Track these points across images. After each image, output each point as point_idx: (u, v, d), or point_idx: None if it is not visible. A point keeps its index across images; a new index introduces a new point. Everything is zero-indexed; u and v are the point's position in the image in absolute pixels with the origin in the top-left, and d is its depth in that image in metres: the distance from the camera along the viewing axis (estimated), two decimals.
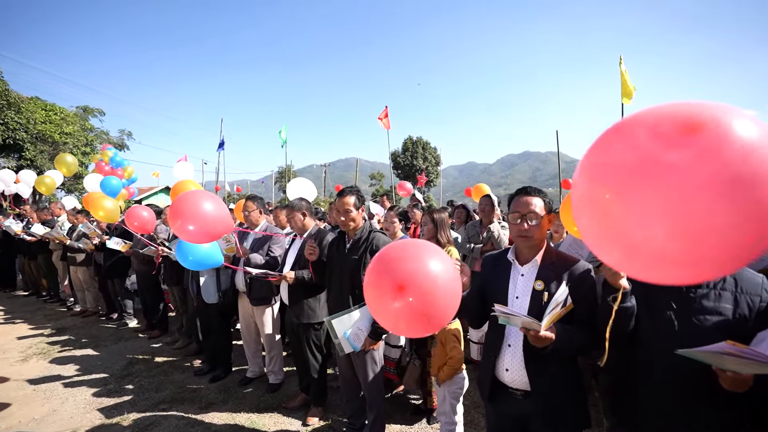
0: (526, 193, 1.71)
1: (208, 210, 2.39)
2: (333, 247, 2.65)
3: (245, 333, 3.71)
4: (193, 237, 2.45)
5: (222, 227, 2.51)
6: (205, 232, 2.42)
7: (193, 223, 2.35)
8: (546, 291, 1.64)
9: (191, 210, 2.35)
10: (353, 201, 2.47)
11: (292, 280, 2.86)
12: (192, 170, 7.60)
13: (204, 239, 2.53)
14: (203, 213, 2.37)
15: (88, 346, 4.79)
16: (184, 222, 2.34)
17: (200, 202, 2.38)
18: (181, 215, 2.34)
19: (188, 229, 2.35)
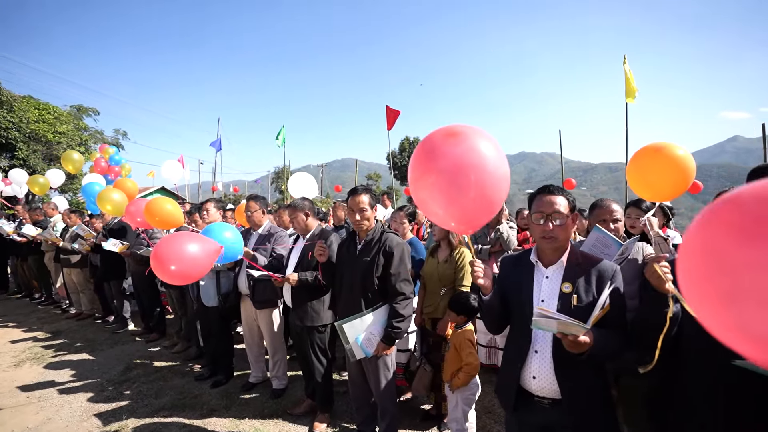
0: (549, 192, 1.63)
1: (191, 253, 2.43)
2: (343, 248, 2.55)
3: (248, 337, 3.60)
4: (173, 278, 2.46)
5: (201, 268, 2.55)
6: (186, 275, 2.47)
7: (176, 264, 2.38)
8: (575, 294, 1.56)
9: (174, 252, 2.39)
10: (367, 200, 2.37)
11: (296, 282, 2.76)
12: (181, 170, 7.38)
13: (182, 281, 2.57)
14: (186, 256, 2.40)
15: (83, 350, 4.65)
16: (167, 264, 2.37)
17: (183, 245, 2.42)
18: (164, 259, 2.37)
19: (170, 269, 2.37)
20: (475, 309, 2.61)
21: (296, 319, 2.89)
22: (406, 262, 2.38)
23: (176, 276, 2.40)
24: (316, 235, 2.97)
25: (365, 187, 2.42)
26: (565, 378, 1.52)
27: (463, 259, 2.89)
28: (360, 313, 2.32)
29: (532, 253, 1.72)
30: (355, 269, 2.39)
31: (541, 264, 1.67)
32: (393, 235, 2.43)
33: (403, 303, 2.33)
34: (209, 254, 2.53)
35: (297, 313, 2.88)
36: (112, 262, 5.19)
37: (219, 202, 3.84)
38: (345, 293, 2.45)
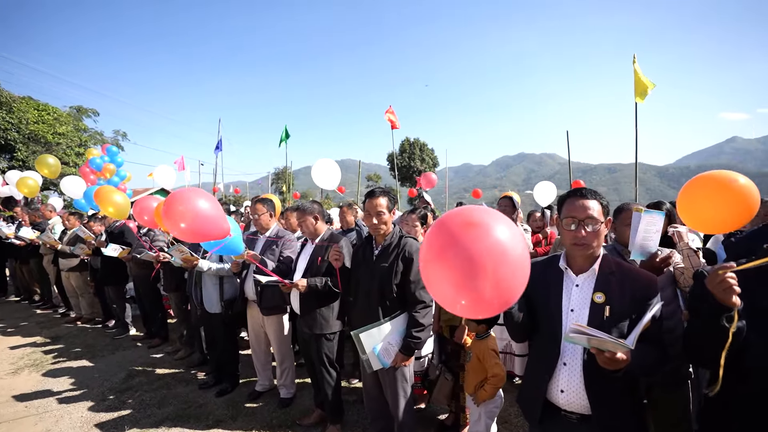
0: (582, 196, 1.52)
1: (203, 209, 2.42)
2: (358, 253, 2.43)
3: (254, 344, 3.48)
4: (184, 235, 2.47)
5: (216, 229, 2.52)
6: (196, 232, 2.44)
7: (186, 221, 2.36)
8: (607, 304, 1.46)
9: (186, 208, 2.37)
10: (385, 203, 2.25)
11: (305, 288, 2.65)
12: (174, 174, 7.23)
13: (195, 238, 2.59)
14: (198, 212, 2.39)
15: (83, 357, 4.52)
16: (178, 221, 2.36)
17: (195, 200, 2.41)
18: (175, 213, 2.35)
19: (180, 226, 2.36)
20: (495, 318, 2.50)
21: (304, 326, 2.77)
22: None
23: (186, 231, 2.40)
24: (326, 239, 2.86)
25: (383, 189, 2.31)
26: (596, 393, 1.42)
27: None
28: (377, 322, 2.21)
29: (561, 258, 1.61)
30: (372, 276, 2.27)
31: (571, 271, 1.56)
32: (412, 240, 2.31)
33: (422, 311, 2.21)
34: (219, 225, 2.53)
35: (305, 321, 2.76)
36: (112, 266, 5.05)
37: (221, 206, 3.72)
38: (361, 301, 2.34)
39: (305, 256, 2.86)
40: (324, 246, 2.83)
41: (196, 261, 3.33)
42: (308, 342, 2.87)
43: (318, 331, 2.73)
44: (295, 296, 2.83)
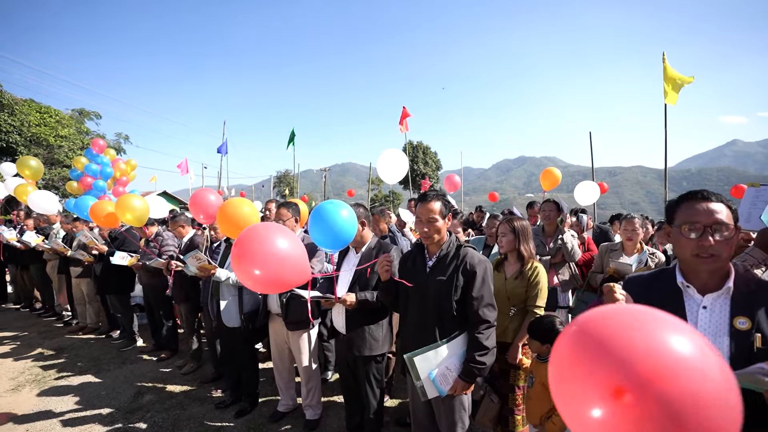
0: (705, 198, 1.25)
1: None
2: (407, 264, 2.14)
3: (277, 361, 3.18)
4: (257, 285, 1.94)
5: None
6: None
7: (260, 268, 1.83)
8: (756, 331, 1.17)
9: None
10: (439, 207, 1.97)
11: (354, 305, 2.36)
12: (164, 205, 6.43)
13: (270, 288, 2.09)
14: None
15: (88, 371, 4.22)
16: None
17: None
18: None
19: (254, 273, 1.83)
20: None
21: (348, 348, 2.47)
22: (489, 284, 1.97)
23: (260, 282, 1.88)
24: (373, 248, 2.57)
25: (437, 192, 2.02)
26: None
27: (537, 274, 2.49)
28: (434, 344, 1.91)
29: (677, 274, 1.33)
30: (427, 291, 1.98)
31: (694, 290, 1.28)
32: (472, 250, 2.02)
33: (486, 332, 1.92)
34: (304, 270, 2.02)
35: (352, 341, 2.46)
36: (115, 273, 4.73)
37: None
38: (412, 319, 2.04)
39: (349, 267, 2.57)
40: (370, 255, 2.54)
41: (213, 270, 3.04)
42: (351, 364, 2.59)
43: (367, 353, 2.44)
44: (339, 313, 2.53)
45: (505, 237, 2.56)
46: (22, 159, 7.49)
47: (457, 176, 5.82)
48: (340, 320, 2.55)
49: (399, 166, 4.60)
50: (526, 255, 2.53)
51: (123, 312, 5.00)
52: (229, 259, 3.22)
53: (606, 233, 4.75)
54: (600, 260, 3.35)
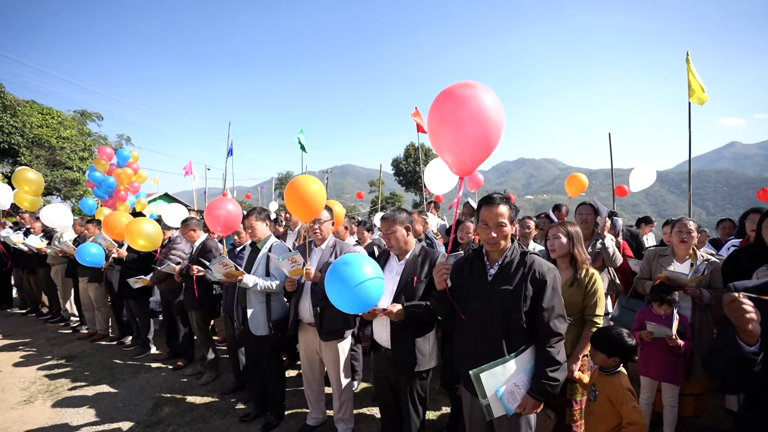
0: None
1: None
2: (463, 272, 1.98)
3: (307, 372, 3.01)
4: None
5: None
6: None
7: None
8: None
9: None
10: (507, 212, 1.82)
11: (401, 316, 2.20)
12: (183, 213, 5.94)
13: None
14: None
15: (102, 381, 4.05)
16: None
17: None
18: None
19: None
20: (633, 348, 2.06)
21: (396, 363, 2.30)
22: (559, 293, 1.82)
23: None
24: (418, 255, 2.41)
25: (502, 195, 1.86)
26: None
27: (594, 281, 2.34)
28: (501, 359, 1.76)
29: None
30: (490, 301, 1.82)
31: None
32: (539, 257, 1.87)
33: (558, 345, 1.77)
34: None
35: (398, 356, 2.30)
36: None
37: (262, 212, 3.24)
38: (473, 332, 1.88)
39: (391, 276, 2.40)
40: (415, 263, 2.38)
41: (241, 276, 2.88)
42: (392, 379, 2.42)
43: (415, 369, 2.27)
44: (384, 326, 2.36)
45: (558, 240, 2.40)
46: (18, 172, 6.43)
47: (481, 175, 5.61)
48: (384, 334, 2.38)
49: (448, 176, 4.43)
50: (580, 259, 2.38)
51: (141, 317, 4.83)
52: (256, 265, 3.06)
53: (636, 237, 4.60)
54: (647, 266, 3.18)
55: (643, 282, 3.03)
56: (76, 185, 20.57)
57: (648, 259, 3.15)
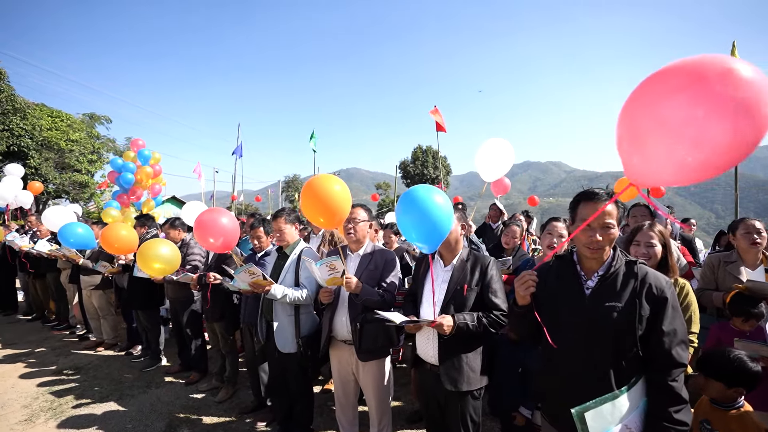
0: None
1: None
2: (548, 283, 1.62)
3: (340, 394, 2.66)
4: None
5: None
6: None
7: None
8: None
9: None
10: (615, 211, 1.47)
11: (450, 329, 1.86)
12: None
13: None
14: None
15: (110, 397, 3.72)
16: None
17: None
18: None
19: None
20: (757, 376, 1.68)
21: (445, 381, 1.96)
22: (681, 313, 1.46)
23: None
24: (466, 261, 2.08)
25: (609, 192, 1.51)
26: None
27: (687, 294, 1.98)
28: (610, 395, 1.39)
29: None
30: (593, 321, 1.46)
31: None
32: (652, 269, 1.50)
33: (680, 379, 1.40)
34: None
35: (447, 373, 1.96)
36: (143, 286, 4.24)
37: (291, 213, 2.92)
38: (568, 359, 1.52)
39: (437, 283, 2.06)
40: (464, 269, 2.04)
41: (268, 286, 2.54)
42: (440, 399, 2.07)
43: (465, 388, 1.95)
44: (428, 339, 2.02)
45: (653, 248, 2.03)
46: None
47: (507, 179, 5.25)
48: (430, 348, 2.04)
49: (504, 156, 4.04)
50: (673, 270, 2.01)
51: (150, 328, 4.50)
52: (284, 273, 2.72)
53: (690, 241, 4.20)
54: (711, 274, 2.80)
55: (709, 293, 2.64)
56: (85, 188, 20.51)
57: (711, 266, 2.76)
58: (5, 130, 16.20)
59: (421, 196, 1.88)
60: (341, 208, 2.19)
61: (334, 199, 2.16)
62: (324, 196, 2.15)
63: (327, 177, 2.21)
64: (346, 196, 2.22)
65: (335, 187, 2.16)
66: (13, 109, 16.48)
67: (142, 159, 8.51)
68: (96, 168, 21.83)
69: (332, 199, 2.16)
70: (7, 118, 16.14)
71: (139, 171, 8.22)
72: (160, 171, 8.80)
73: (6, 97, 15.87)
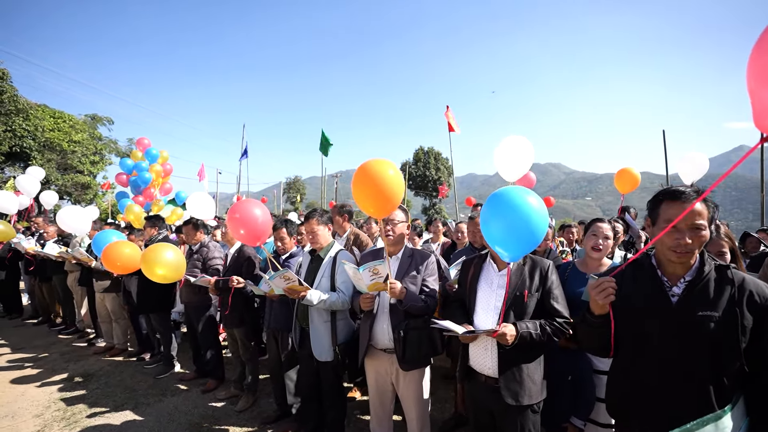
0: None
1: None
2: (623, 290, 1.48)
3: (377, 406, 2.50)
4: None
5: None
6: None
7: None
8: None
9: None
10: (706, 211, 1.33)
11: (513, 339, 1.73)
12: (209, 204, 5.60)
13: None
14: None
15: (125, 406, 3.57)
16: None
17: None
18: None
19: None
20: None
21: (504, 394, 1.82)
22: None
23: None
24: (524, 264, 1.95)
25: (696, 188, 1.37)
26: None
27: None
28: (712, 416, 1.25)
29: None
30: (685, 333, 1.32)
31: None
32: (746, 273, 1.37)
33: None
34: None
35: (507, 386, 1.82)
36: (155, 288, 4.07)
37: (324, 214, 2.78)
38: (657, 374, 1.38)
39: (491, 288, 1.93)
40: (522, 273, 1.90)
41: (305, 292, 2.39)
42: (495, 413, 1.93)
43: (527, 402, 1.81)
44: (486, 350, 1.88)
45: (724, 257, 1.89)
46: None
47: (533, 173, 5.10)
48: (488, 360, 1.90)
49: (523, 157, 3.91)
50: None
51: (162, 332, 4.35)
52: (319, 277, 2.58)
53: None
54: None
55: None
56: (87, 189, 20.36)
57: None
58: (8, 130, 16.06)
59: (518, 199, 1.71)
60: (395, 192, 2.03)
61: (388, 183, 2.00)
62: (379, 181, 1.99)
63: (381, 161, 2.06)
64: (400, 182, 2.07)
65: (389, 172, 2.01)
66: (16, 110, 16.34)
67: (150, 158, 8.37)
68: (98, 169, 21.69)
69: (387, 184, 2.00)
70: (9, 119, 15.99)
71: (151, 170, 8.08)
72: (171, 170, 8.66)
73: (9, 97, 15.73)
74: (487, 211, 1.78)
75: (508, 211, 1.69)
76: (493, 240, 1.76)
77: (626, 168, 5.57)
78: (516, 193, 1.71)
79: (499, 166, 4.10)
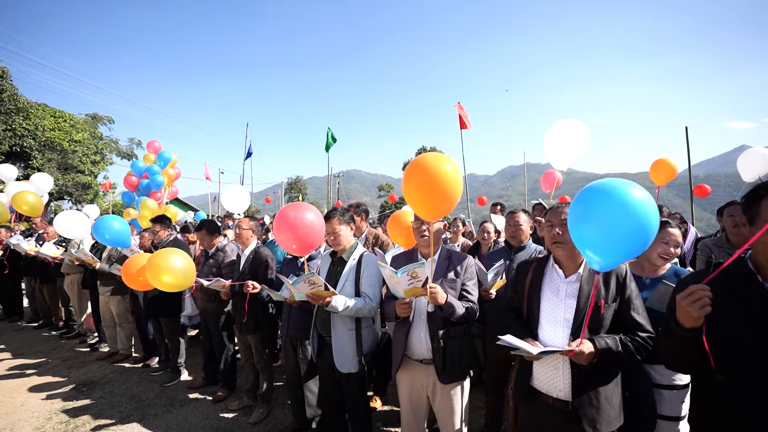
0: None
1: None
2: (720, 296, 1.25)
3: (410, 420, 2.28)
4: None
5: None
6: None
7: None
8: None
9: None
10: None
11: (592, 357, 1.50)
12: (245, 196, 5.53)
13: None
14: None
15: (131, 417, 3.35)
16: None
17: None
18: None
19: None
20: None
21: (580, 420, 1.58)
22: None
23: None
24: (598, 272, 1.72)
25: None
26: None
27: None
28: None
29: None
30: None
31: None
32: None
33: None
34: None
35: (583, 412, 1.58)
36: (167, 292, 3.86)
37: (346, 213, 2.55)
38: (752, 390, 1.16)
39: (557, 298, 1.69)
40: (592, 280, 1.67)
41: (329, 298, 2.18)
42: None
43: (605, 429, 1.59)
44: (557, 370, 1.64)
45: None
46: (17, 196, 5.98)
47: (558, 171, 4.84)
48: (560, 380, 1.64)
49: (578, 143, 3.65)
50: None
51: (171, 338, 4.13)
52: (342, 281, 2.36)
53: None
54: None
55: None
56: (88, 189, 20.16)
57: None
58: (8, 129, 15.85)
59: (628, 195, 1.33)
60: (454, 191, 1.78)
61: (447, 181, 1.75)
62: (439, 178, 1.73)
63: (438, 155, 1.82)
64: (459, 180, 1.82)
65: (447, 167, 1.76)
66: (16, 109, 16.13)
67: (162, 161, 8.18)
68: (99, 169, 21.50)
69: (446, 182, 1.75)
70: (9, 118, 15.79)
71: (163, 174, 7.90)
72: (180, 173, 8.48)
73: (9, 96, 15.52)
74: (584, 207, 1.44)
75: (615, 210, 1.33)
76: (585, 243, 1.45)
77: (663, 158, 5.28)
78: (625, 187, 1.36)
79: (549, 151, 3.81)
